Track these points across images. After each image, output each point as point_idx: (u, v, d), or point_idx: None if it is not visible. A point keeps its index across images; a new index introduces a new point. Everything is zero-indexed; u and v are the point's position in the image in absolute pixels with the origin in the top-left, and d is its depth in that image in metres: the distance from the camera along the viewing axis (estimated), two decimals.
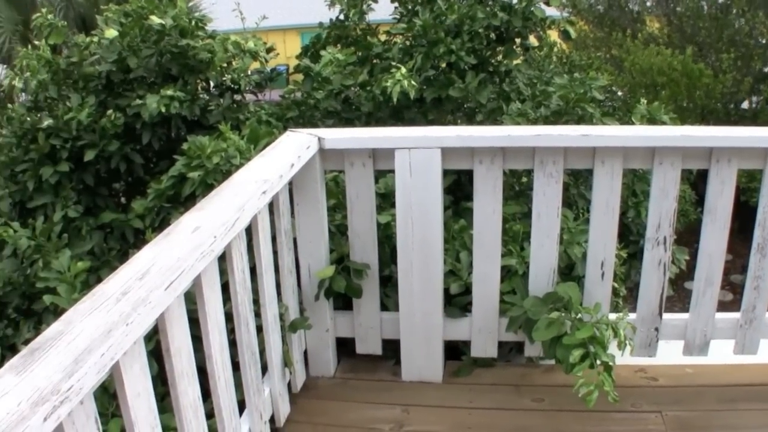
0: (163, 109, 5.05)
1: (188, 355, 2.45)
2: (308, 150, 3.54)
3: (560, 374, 3.59)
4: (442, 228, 3.79)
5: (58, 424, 1.65)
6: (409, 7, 6.40)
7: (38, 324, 4.57)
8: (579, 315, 3.56)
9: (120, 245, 5.09)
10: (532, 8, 5.89)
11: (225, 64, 5.60)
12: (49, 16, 5.90)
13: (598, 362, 3.34)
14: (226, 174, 4.06)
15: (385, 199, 4.36)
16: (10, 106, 5.93)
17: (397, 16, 6.49)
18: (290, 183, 3.57)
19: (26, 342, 4.33)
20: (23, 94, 6.23)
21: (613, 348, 3.47)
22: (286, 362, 3.66)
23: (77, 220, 5.14)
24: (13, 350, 4.39)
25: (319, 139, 3.65)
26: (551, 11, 6.29)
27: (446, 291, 3.97)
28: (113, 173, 5.60)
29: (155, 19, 5.35)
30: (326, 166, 3.81)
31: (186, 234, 2.52)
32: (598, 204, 3.62)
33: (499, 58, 6.16)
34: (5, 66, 12.28)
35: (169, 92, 5.10)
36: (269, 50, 5.82)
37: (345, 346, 4.25)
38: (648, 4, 15.10)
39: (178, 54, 5.44)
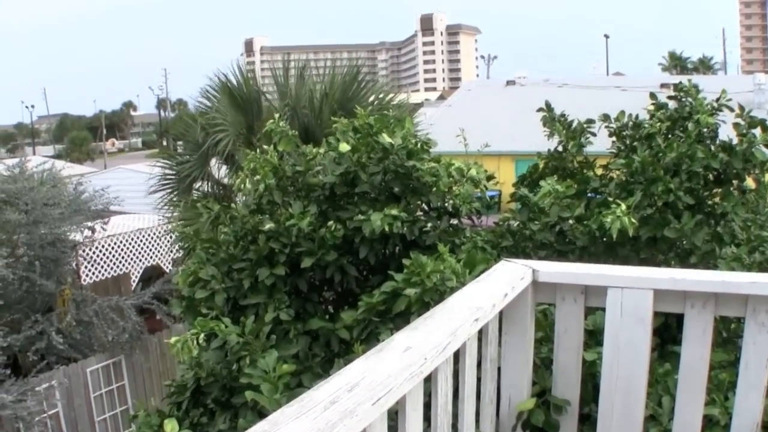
0: (386, 228, 5.23)
1: None
2: (522, 281, 3.57)
3: None
4: (647, 371, 3.72)
5: None
6: (627, 142, 6.41)
7: (234, 417, 4.73)
8: None
9: (324, 352, 5.22)
10: (753, 150, 5.79)
11: (446, 189, 5.71)
12: (281, 124, 6.21)
13: None
14: (441, 294, 4.15)
15: (591, 336, 4.31)
16: (233, 206, 6.23)
17: (615, 150, 6.50)
18: (500, 311, 3.59)
19: None
20: (241, 194, 6.52)
21: None
22: None
23: (285, 323, 5.30)
24: None
25: (534, 271, 3.68)
26: None
27: None
28: (326, 281, 5.77)
29: (386, 138, 5.55)
30: (537, 298, 3.82)
31: (398, 352, 2.58)
32: None
33: (716, 199, 6.06)
34: (226, 165, 12.90)
35: (394, 212, 5.26)
36: (489, 178, 5.92)
37: None
38: None
39: (402, 174, 5.61)
